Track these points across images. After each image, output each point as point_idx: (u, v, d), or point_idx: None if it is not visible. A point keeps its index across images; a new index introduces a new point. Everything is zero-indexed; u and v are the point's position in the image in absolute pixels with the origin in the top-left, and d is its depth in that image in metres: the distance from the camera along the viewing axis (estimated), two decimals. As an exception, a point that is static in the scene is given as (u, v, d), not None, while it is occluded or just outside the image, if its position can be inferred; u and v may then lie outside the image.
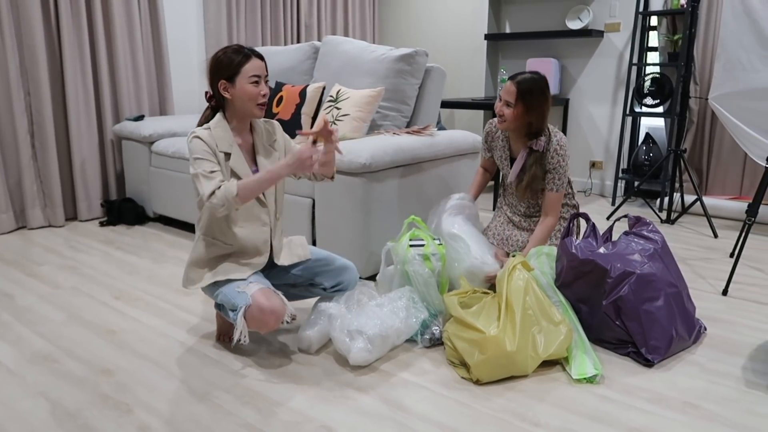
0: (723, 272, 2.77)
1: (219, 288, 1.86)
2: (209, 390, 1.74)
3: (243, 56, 1.80)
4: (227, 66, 1.80)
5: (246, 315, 1.76)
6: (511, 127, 2.32)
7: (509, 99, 2.26)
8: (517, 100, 2.25)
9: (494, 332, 1.76)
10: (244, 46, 1.84)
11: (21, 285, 2.59)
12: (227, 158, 1.83)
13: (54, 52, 3.46)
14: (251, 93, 1.80)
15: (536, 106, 2.26)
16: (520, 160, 2.37)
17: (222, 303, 1.86)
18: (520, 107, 2.26)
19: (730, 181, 3.96)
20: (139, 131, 3.51)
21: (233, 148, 1.83)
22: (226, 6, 4.28)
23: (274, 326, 1.79)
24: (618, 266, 1.93)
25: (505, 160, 2.48)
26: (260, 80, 1.82)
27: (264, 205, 1.92)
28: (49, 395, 1.71)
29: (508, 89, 2.27)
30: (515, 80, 2.27)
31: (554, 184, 2.33)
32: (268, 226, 1.94)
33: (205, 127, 1.83)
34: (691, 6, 3.54)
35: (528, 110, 2.26)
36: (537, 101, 2.25)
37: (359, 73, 3.10)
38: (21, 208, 3.46)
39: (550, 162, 2.32)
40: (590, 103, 4.52)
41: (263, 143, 1.93)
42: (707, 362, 1.90)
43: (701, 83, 3.98)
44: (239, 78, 1.80)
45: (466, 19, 4.93)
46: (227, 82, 1.81)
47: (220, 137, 1.82)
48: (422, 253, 2.17)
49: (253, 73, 1.80)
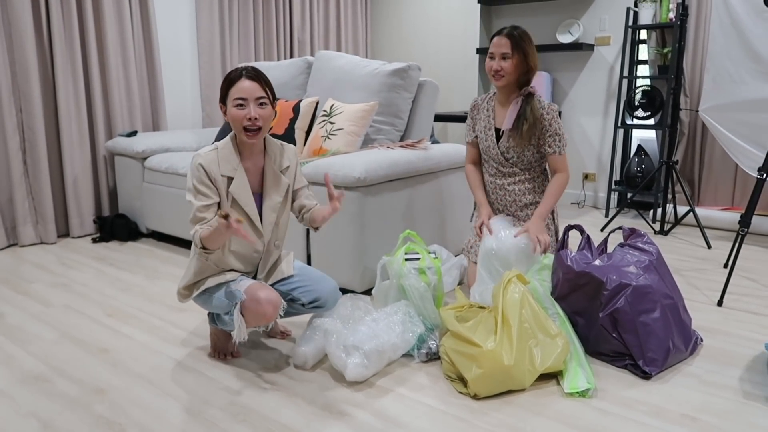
0: (717, 283, 2.78)
1: (211, 295, 1.86)
2: (204, 408, 1.72)
3: (232, 78, 1.77)
4: (222, 89, 1.81)
5: (242, 310, 1.75)
6: (510, 79, 2.35)
7: (506, 51, 2.31)
8: (513, 49, 2.31)
9: (491, 346, 1.75)
10: (249, 67, 1.80)
11: (12, 303, 2.55)
12: (229, 183, 1.81)
13: (46, 68, 3.45)
14: (236, 116, 1.77)
15: (530, 51, 2.34)
16: (514, 108, 2.37)
17: (216, 309, 1.85)
18: (518, 55, 2.31)
19: (721, 191, 3.99)
20: (132, 147, 3.50)
21: (237, 172, 1.81)
22: (219, 22, 4.30)
23: (273, 316, 1.77)
24: (614, 278, 1.93)
25: (489, 130, 2.46)
26: (246, 103, 1.75)
27: (260, 235, 1.90)
28: (41, 416, 1.68)
29: (500, 43, 2.32)
30: (504, 33, 2.33)
31: (556, 146, 2.38)
32: (260, 254, 1.93)
33: (213, 147, 1.82)
34: (679, 20, 3.58)
35: (526, 56, 2.32)
36: (530, 45, 2.34)
37: (352, 88, 3.12)
38: (12, 225, 3.43)
39: (545, 125, 2.35)
40: (582, 115, 4.55)
41: (273, 168, 1.89)
42: (704, 374, 1.90)
43: (691, 95, 4.02)
44: (228, 100, 1.79)
45: (457, 33, 4.97)
46: (223, 105, 1.82)
47: (225, 159, 1.80)
48: (418, 267, 2.16)
49: (237, 96, 1.75)
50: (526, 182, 2.46)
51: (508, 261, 2.24)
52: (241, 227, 1.58)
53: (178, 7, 4.14)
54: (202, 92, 4.33)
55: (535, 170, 2.47)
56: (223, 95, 1.81)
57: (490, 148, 2.45)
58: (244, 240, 1.77)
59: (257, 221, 1.87)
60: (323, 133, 2.96)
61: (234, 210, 1.83)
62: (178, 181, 3.28)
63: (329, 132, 2.93)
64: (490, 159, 2.48)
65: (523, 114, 2.34)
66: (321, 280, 1.99)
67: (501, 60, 2.32)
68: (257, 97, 1.77)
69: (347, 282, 2.53)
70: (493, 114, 2.46)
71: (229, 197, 1.82)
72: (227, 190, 1.81)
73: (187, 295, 1.92)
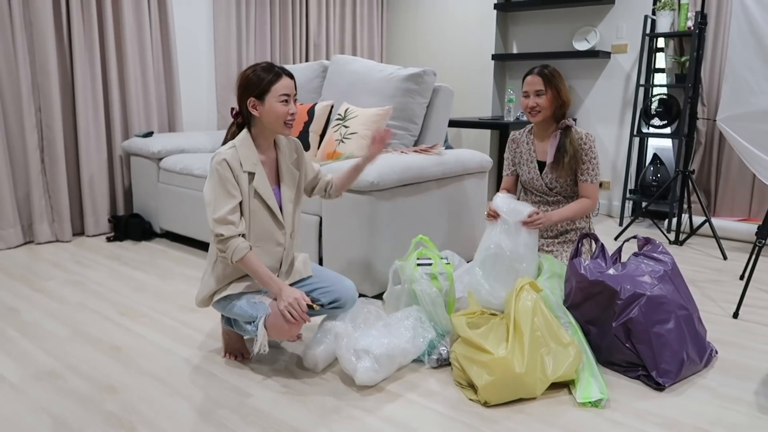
0: (733, 295, 2.74)
1: (232, 302, 1.87)
2: (214, 409, 1.72)
3: (273, 75, 1.82)
4: (257, 84, 1.81)
5: (266, 324, 1.77)
6: (547, 114, 2.43)
7: (539, 88, 2.39)
8: (546, 85, 2.39)
9: (503, 354, 1.74)
10: (274, 64, 1.85)
11: (27, 300, 2.58)
12: (251, 178, 1.85)
13: (66, 68, 3.49)
14: (280, 111, 1.83)
15: (562, 86, 2.42)
16: (554, 141, 2.45)
17: (236, 317, 1.86)
18: (551, 91, 2.40)
19: (738, 202, 3.94)
20: (147, 147, 3.53)
21: (257, 167, 1.85)
22: (236, 24, 4.33)
23: (296, 332, 1.81)
24: (628, 288, 1.91)
25: (531, 163, 2.53)
26: (289, 99, 1.84)
27: (282, 227, 1.93)
28: (53, 412, 1.70)
29: (533, 82, 2.41)
30: (535, 72, 2.42)
31: (588, 175, 2.43)
32: (283, 247, 1.95)
33: (230, 145, 1.85)
34: (698, 28, 3.55)
35: (559, 92, 2.40)
36: (561, 82, 2.42)
37: (367, 92, 3.12)
38: (29, 223, 3.47)
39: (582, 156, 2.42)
40: (597, 123, 4.53)
41: (287, 162, 1.96)
42: (719, 387, 1.87)
43: (709, 104, 3.98)
44: (269, 96, 1.82)
45: (473, 39, 4.97)
46: (256, 100, 1.82)
47: (245, 156, 1.84)
48: (430, 272, 2.16)
49: (283, 92, 1.82)
50: None
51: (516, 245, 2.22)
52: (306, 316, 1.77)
53: (196, 10, 4.18)
54: (218, 94, 4.36)
55: (578, 197, 2.53)
56: (263, 91, 1.81)
57: (534, 180, 2.52)
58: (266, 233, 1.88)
59: (278, 213, 1.91)
60: (337, 137, 2.97)
61: (256, 202, 1.87)
62: (193, 182, 3.30)
63: (343, 136, 2.94)
64: (535, 190, 2.55)
65: (563, 146, 2.42)
66: (339, 280, 2.02)
67: (536, 97, 2.41)
68: (294, 94, 1.87)
69: (359, 286, 2.53)
70: (534, 148, 2.54)
71: (251, 191, 1.85)
72: (249, 185, 1.85)
73: (208, 299, 1.94)
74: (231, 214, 1.79)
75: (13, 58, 3.26)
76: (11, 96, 3.30)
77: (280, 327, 1.77)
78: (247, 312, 1.82)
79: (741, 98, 3.25)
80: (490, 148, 4.96)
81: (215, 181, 1.80)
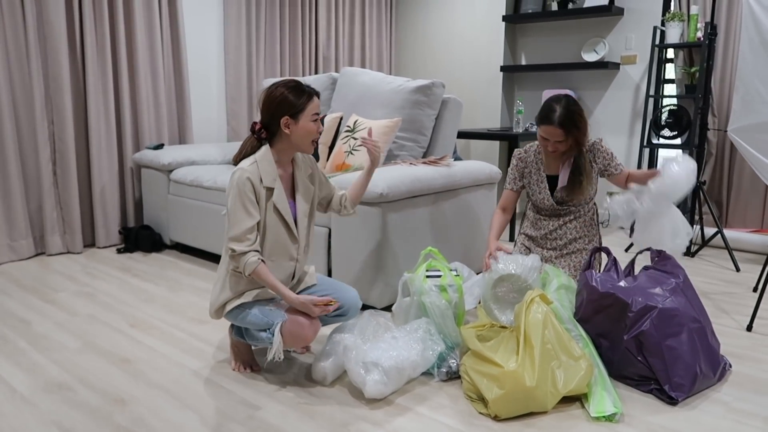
0: (747, 307, 2.70)
1: (245, 311, 1.89)
2: (222, 422, 1.72)
3: (307, 95, 1.88)
4: (293, 104, 1.86)
5: (282, 331, 1.80)
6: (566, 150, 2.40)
7: (559, 139, 2.31)
8: (566, 135, 2.31)
9: (513, 367, 1.73)
10: (300, 82, 1.91)
11: (38, 311, 2.60)
12: (270, 194, 1.87)
13: (78, 81, 3.54)
14: (311, 129, 1.89)
15: (582, 126, 2.34)
16: (567, 165, 2.43)
17: (250, 325, 1.88)
18: (572, 137, 2.33)
19: (751, 213, 3.90)
20: (158, 159, 3.56)
21: (276, 183, 1.89)
22: (246, 37, 4.37)
23: (312, 338, 1.86)
24: (639, 300, 1.89)
25: (541, 183, 2.50)
26: (318, 118, 1.91)
27: (296, 241, 1.96)
28: (62, 424, 1.70)
29: (553, 133, 2.30)
30: (553, 122, 2.28)
31: (616, 168, 2.44)
32: (295, 260, 1.97)
33: (252, 160, 1.87)
34: (708, 39, 3.54)
35: (578, 134, 2.33)
36: (580, 121, 2.32)
37: (376, 104, 3.13)
38: (41, 234, 3.50)
39: (599, 161, 2.43)
40: (607, 134, 4.51)
41: (302, 177, 1.99)
42: (733, 401, 1.85)
43: (719, 115, 3.95)
44: (303, 115, 1.87)
45: (482, 50, 4.98)
46: (291, 119, 1.86)
47: (266, 171, 1.87)
48: (439, 284, 2.15)
49: (316, 111, 1.90)
50: (577, 219, 2.52)
51: None
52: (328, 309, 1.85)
53: (207, 23, 4.22)
54: (228, 107, 4.39)
55: (588, 205, 2.54)
56: (299, 110, 1.86)
57: (545, 200, 2.50)
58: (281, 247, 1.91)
59: (293, 227, 1.94)
60: (346, 149, 2.98)
61: (274, 216, 1.89)
62: (203, 194, 3.32)
63: (352, 147, 2.95)
64: (545, 207, 2.53)
65: (577, 170, 2.40)
66: (343, 289, 2.06)
67: (556, 143, 2.34)
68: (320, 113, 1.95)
69: (367, 298, 2.52)
70: (542, 167, 2.51)
71: (270, 206, 1.87)
72: (268, 201, 1.88)
73: (222, 312, 1.95)
74: (248, 233, 1.82)
75: (27, 71, 3.31)
76: (25, 109, 3.34)
77: (296, 333, 1.82)
78: (262, 320, 1.85)
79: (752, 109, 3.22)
80: (498, 159, 4.95)
81: (236, 198, 1.82)
